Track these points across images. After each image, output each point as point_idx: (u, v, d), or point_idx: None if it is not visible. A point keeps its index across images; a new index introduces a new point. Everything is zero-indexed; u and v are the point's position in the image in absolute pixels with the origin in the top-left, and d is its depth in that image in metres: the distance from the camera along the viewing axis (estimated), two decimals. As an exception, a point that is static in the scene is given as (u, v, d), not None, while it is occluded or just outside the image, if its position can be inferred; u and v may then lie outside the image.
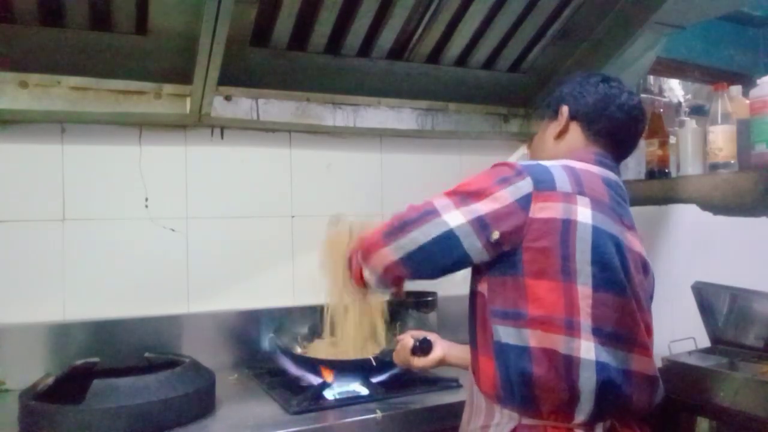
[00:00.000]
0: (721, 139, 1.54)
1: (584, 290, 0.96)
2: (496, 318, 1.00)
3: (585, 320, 0.95)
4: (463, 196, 1.00)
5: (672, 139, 1.80)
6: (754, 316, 1.53)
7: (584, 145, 1.13)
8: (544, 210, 0.97)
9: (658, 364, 1.44)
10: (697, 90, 2.81)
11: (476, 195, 0.99)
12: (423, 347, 1.27)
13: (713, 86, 1.60)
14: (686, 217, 1.75)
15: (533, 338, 0.96)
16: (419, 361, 1.27)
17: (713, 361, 1.51)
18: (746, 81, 2.06)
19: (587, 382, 0.95)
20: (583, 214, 0.98)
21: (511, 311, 0.98)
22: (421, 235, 0.99)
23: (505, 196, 0.97)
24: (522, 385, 0.97)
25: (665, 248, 1.82)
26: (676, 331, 1.59)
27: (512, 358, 0.97)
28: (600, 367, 0.95)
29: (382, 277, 1.06)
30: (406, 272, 1.04)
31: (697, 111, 2.55)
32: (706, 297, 1.58)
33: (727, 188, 1.51)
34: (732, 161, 1.54)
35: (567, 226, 0.96)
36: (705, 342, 1.62)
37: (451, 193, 1.02)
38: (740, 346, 1.56)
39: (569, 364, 0.95)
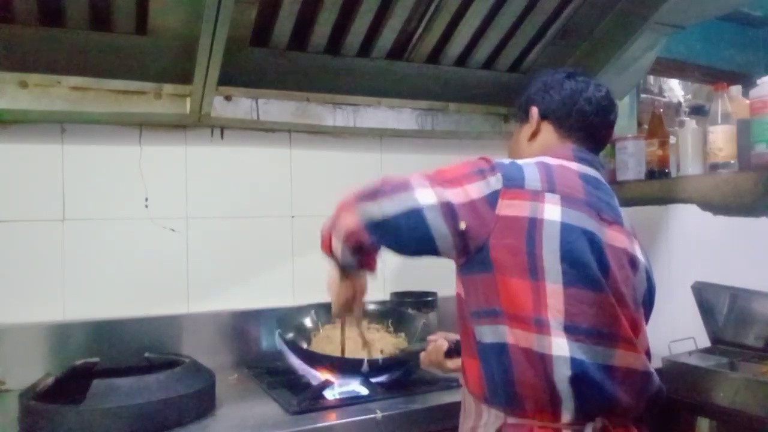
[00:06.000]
0: (721, 139, 1.54)
1: (554, 288, 0.95)
2: (474, 318, 1.00)
3: (555, 317, 0.94)
4: (440, 180, 1.01)
5: (672, 139, 1.80)
6: (754, 316, 1.53)
7: (559, 141, 1.13)
8: (510, 207, 0.97)
9: (658, 364, 1.45)
10: (697, 90, 2.82)
11: (450, 182, 1.00)
12: (458, 349, 1.25)
13: (713, 86, 1.60)
14: (686, 217, 1.75)
15: (511, 336, 0.96)
16: (453, 363, 1.26)
17: (713, 361, 1.51)
18: (746, 81, 2.06)
19: (562, 379, 0.94)
20: (551, 211, 0.97)
21: (487, 309, 0.98)
22: (389, 205, 0.99)
23: (475, 190, 0.98)
24: (505, 384, 0.97)
25: (665, 248, 1.82)
26: (676, 331, 1.59)
27: (494, 357, 0.98)
28: (574, 363, 0.94)
29: (344, 242, 1.05)
30: (368, 239, 1.02)
31: (697, 111, 2.56)
32: (706, 297, 1.58)
33: (727, 188, 1.51)
34: (732, 161, 1.53)
35: (533, 224, 0.96)
36: (705, 342, 1.62)
37: (428, 175, 1.02)
38: (740, 346, 1.56)
39: (543, 362, 0.95)
